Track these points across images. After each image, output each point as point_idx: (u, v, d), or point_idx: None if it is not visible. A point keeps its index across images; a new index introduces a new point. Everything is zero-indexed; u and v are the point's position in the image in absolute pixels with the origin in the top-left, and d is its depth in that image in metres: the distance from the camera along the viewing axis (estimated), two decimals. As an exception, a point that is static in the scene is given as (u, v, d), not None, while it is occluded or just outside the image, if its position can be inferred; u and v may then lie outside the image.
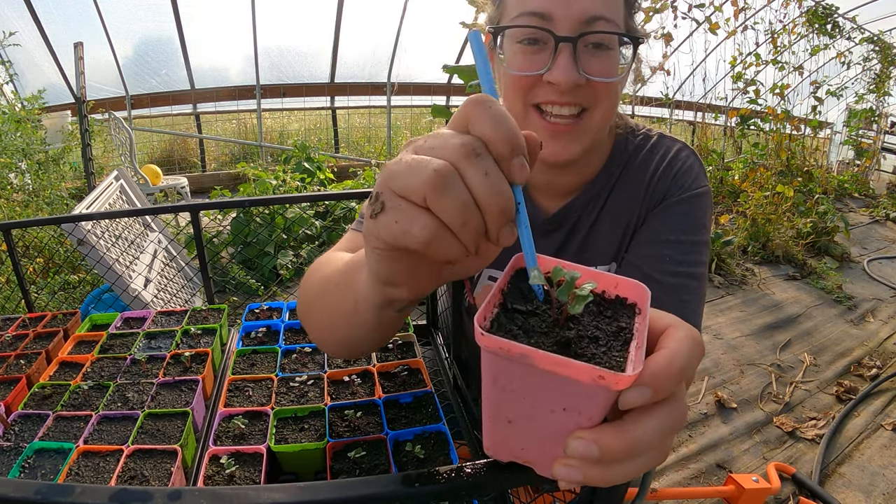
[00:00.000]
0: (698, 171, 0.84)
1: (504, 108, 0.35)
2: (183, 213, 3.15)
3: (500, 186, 0.34)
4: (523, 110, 0.76)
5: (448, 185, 0.33)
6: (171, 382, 0.87)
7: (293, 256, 3.57)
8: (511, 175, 0.35)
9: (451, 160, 0.34)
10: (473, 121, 0.35)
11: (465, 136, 0.34)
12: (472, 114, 0.35)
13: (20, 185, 3.51)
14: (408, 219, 0.34)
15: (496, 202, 0.34)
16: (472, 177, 0.33)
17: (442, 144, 0.35)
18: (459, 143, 0.34)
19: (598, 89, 0.72)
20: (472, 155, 0.34)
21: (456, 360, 0.99)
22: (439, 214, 0.34)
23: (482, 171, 0.34)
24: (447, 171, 0.33)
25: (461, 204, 0.33)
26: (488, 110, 0.34)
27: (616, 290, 0.39)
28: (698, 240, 0.80)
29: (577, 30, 0.69)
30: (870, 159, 6.70)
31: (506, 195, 0.34)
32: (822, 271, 4.03)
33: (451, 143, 0.34)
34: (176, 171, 6.52)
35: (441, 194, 0.33)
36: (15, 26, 4.33)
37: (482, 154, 0.34)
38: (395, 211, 0.35)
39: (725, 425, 2.37)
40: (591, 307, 0.38)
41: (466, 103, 0.35)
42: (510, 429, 0.37)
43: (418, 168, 0.34)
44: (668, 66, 5.42)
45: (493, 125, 0.34)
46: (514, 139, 0.34)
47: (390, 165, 0.36)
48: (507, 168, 0.35)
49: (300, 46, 6.48)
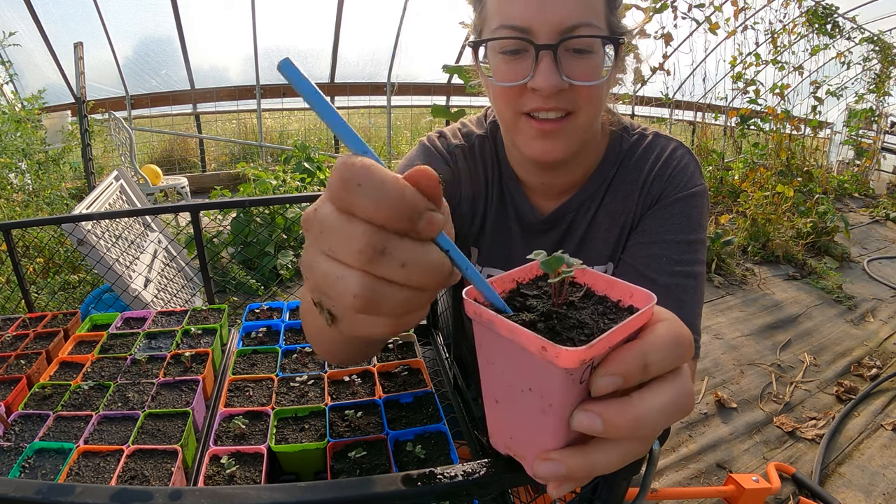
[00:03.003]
0: (694, 170, 0.84)
1: (380, 173, 0.29)
2: (183, 213, 3.15)
3: (423, 265, 0.31)
4: (513, 118, 0.76)
5: (375, 301, 0.31)
6: (172, 382, 0.87)
7: (293, 256, 3.57)
8: (425, 236, 0.31)
9: (360, 267, 0.30)
10: (354, 206, 0.30)
11: (357, 233, 0.30)
12: (349, 198, 0.30)
13: (20, 185, 3.50)
14: (362, 326, 0.33)
15: (429, 280, 0.32)
16: (393, 276, 0.31)
17: (340, 246, 0.30)
18: (357, 247, 0.30)
19: (582, 93, 0.72)
20: (377, 257, 0.30)
21: (456, 360, 0.99)
22: (388, 316, 0.32)
23: (398, 265, 0.30)
24: (367, 293, 0.30)
25: (399, 302, 0.31)
26: (360, 190, 0.29)
27: (630, 301, 0.39)
28: (695, 239, 0.80)
29: (557, 37, 0.69)
30: (870, 159, 6.70)
31: (435, 267, 0.31)
32: (822, 271, 4.03)
33: (350, 250, 0.30)
34: (176, 171, 6.52)
35: (375, 308, 0.31)
36: (15, 26, 4.33)
37: (387, 247, 0.30)
38: (347, 321, 0.33)
39: (725, 425, 2.37)
40: (598, 308, 0.38)
41: (333, 181, 0.30)
42: (498, 410, 0.39)
43: (337, 289, 0.31)
44: (668, 66, 5.42)
45: (376, 206, 0.29)
46: (406, 207, 0.29)
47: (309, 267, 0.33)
48: (416, 237, 0.31)
49: (300, 46, 6.48)
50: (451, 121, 0.98)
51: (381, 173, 0.29)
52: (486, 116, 0.95)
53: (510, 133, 0.80)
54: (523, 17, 0.69)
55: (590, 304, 0.39)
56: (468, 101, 6.64)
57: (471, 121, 0.96)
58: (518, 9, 0.69)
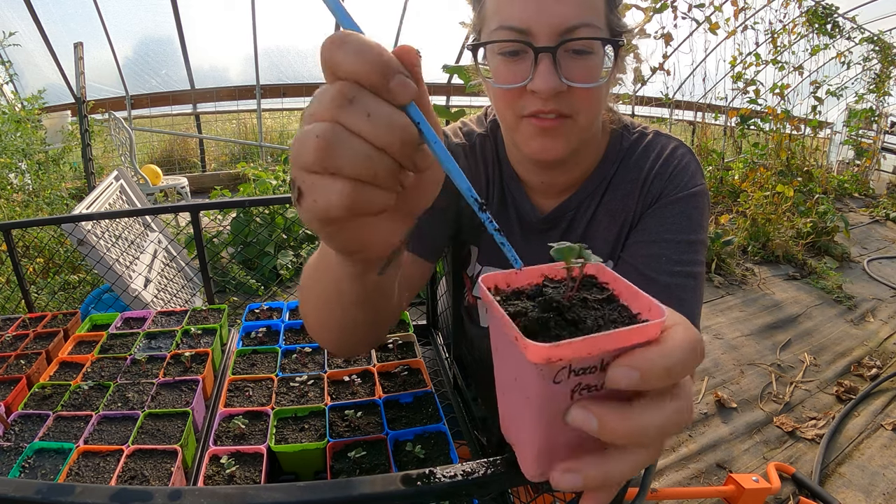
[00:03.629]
0: (694, 170, 0.83)
1: (363, 38, 0.32)
2: (183, 213, 3.15)
3: (388, 121, 0.32)
4: (515, 120, 0.76)
5: (335, 147, 0.32)
6: (172, 382, 0.87)
7: (293, 256, 3.57)
8: (396, 99, 0.32)
9: (329, 118, 0.32)
10: (334, 64, 0.32)
11: (335, 85, 0.32)
12: (331, 57, 0.32)
13: (20, 186, 3.50)
14: (322, 193, 0.33)
15: (393, 138, 0.32)
16: (356, 124, 0.32)
17: (318, 104, 0.33)
18: (329, 97, 0.32)
19: (582, 95, 0.72)
20: (345, 104, 0.32)
21: (456, 360, 0.99)
22: (346, 176, 0.32)
23: (363, 115, 0.32)
24: (328, 133, 0.32)
25: (359, 157, 0.32)
26: (344, 46, 0.32)
27: (648, 315, 0.37)
28: (695, 239, 0.80)
29: (556, 39, 0.68)
30: (870, 159, 6.69)
31: (399, 125, 0.32)
32: (822, 271, 4.03)
33: (323, 100, 0.32)
34: (176, 171, 6.52)
35: (334, 158, 0.32)
36: (15, 26, 4.33)
37: (356, 96, 0.32)
38: (309, 190, 0.34)
39: (725, 425, 2.37)
40: (611, 314, 0.37)
41: (322, 47, 0.33)
42: (502, 397, 0.40)
43: (305, 140, 0.32)
44: (668, 66, 5.41)
45: (352, 59, 0.32)
46: (382, 63, 0.32)
47: (292, 143, 0.34)
48: (388, 95, 0.32)
49: (300, 46, 6.48)
50: (451, 121, 0.98)
51: (364, 37, 0.32)
52: (486, 115, 0.95)
53: (510, 133, 0.80)
54: (522, 18, 0.69)
55: (605, 308, 0.37)
56: (468, 101, 6.63)
57: (471, 120, 0.96)
58: (517, 9, 0.69)
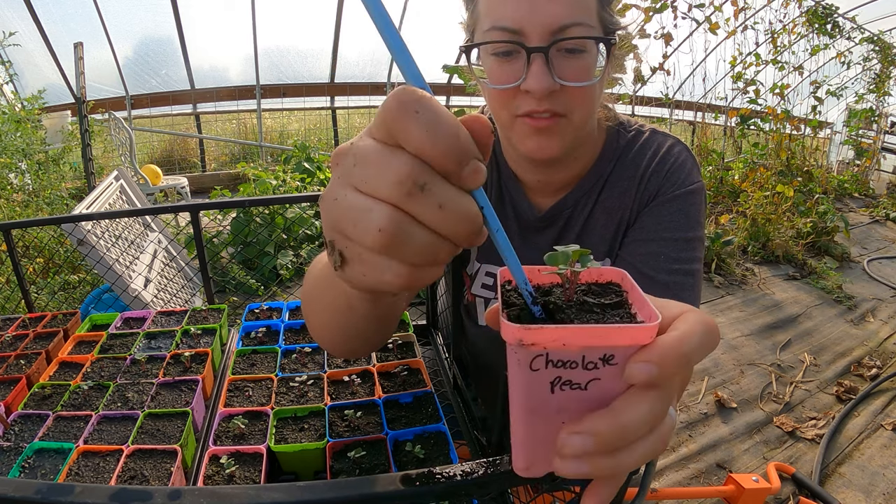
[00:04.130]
0: (691, 167, 0.83)
1: (439, 107, 0.28)
2: (183, 213, 3.15)
3: (459, 212, 0.29)
4: (510, 120, 0.76)
5: (401, 241, 0.29)
6: (171, 382, 0.87)
7: (293, 256, 3.57)
8: (465, 186, 0.29)
9: (393, 202, 0.28)
10: (402, 133, 0.28)
11: (400, 163, 0.28)
12: (399, 123, 0.28)
13: (20, 185, 3.51)
14: (376, 270, 0.31)
15: (461, 230, 0.30)
16: (425, 215, 0.29)
17: (376, 178, 0.29)
18: (396, 178, 0.28)
19: (575, 94, 0.72)
20: (416, 192, 0.28)
21: (456, 360, 0.99)
22: (405, 261, 0.30)
23: (435, 206, 0.28)
24: (396, 228, 0.28)
25: (425, 247, 0.30)
26: (417, 116, 0.27)
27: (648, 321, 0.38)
28: (693, 237, 0.80)
29: (549, 38, 0.68)
30: (870, 159, 6.69)
31: (469, 217, 0.30)
32: (822, 271, 4.03)
33: (387, 179, 0.28)
34: (176, 171, 6.52)
35: (398, 249, 0.29)
36: (15, 26, 4.33)
37: (427, 184, 0.28)
38: (358, 263, 0.31)
39: (725, 425, 2.37)
40: (612, 318, 0.36)
41: (389, 104, 0.28)
42: None
43: (361, 221, 0.29)
44: (668, 66, 5.41)
45: (428, 138, 0.27)
46: (459, 147, 0.28)
47: (329, 204, 0.31)
48: (458, 181, 0.29)
49: (300, 46, 6.48)
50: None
51: (439, 107, 0.28)
52: (482, 114, 0.95)
53: (506, 132, 0.80)
54: (514, 18, 0.69)
55: (608, 312, 0.36)
56: (468, 101, 6.64)
57: None
58: (509, 9, 0.69)
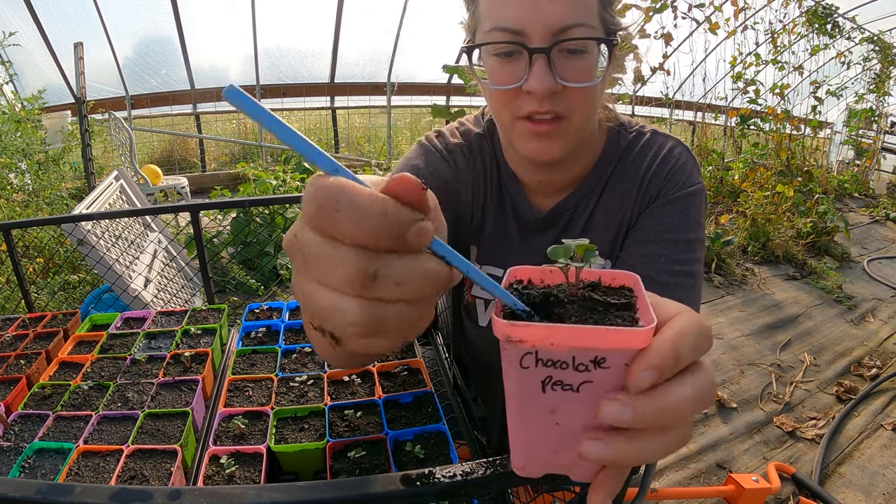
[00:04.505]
0: (692, 169, 0.84)
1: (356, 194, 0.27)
2: (183, 213, 3.14)
3: (419, 278, 0.29)
4: (511, 121, 0.76)
5: (378, 324, 0.29)
6: (171, 382, 0.87)
7: (293, 256, 3.57)
8: (415, 249, 0.29)
9: (355, 294, 0.29)
10: (333, 231, 0.28)
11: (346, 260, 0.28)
12: (326, 223, 0.28)
13: (20, 185, 3.50)
14: (366, 345, 0.32)
15: (428, 289, 0.30)
16: (389, 295, 0.29)
17: (330, 275, 0.29)
18: (346, 276, 0.28)
19: (577, 94, 0.72)
20: (369, 283, 0.28)
21: (455, 360, 0.99)
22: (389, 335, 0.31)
23: (393, 285, 0.29)
24: (367, 317, 0.29)
25: (401, 319, 0.30)
26: (338, 214, 0.27)
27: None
28: (693, 238, 0.80)
29: (550, 39, 0.68)
30: (870, 159, 6.70)
31: (429, 278, 0.30)
32: (822, 271, 4.03)
33: (339, 279, 0.29)
34: (176, 171, 6.52)
35: (379, 330, 0.30)
36: (15, 26, 4.33)
37: (378, 270, 0.28)
38: (350, 341, 0.32)
39: (725, 425, 2.37)
40: (614, 319, 0.36)
41: (309, 204, 0.28)
42: None
43: (335, 318, 0.30)
44: (668, 66, 5.41)
45: (357, 228, 0.27)
46: (389, 224, 0.28)
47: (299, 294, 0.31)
48: (406, 251, 0.29)
49: (300, 46, 6.47)
50: (451, 121, 0.98)
51: (357, 193, 0.27)
52: (483, 115, 0.95)
53: (507, 133, 0.80)
54: (516, 19, 0.69)
55: (611, 313, 0.36)
56: (468, 101, 6.64)
57: (468, 119, 0.96)
58: (511, 10, 0.69)
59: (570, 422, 0.35)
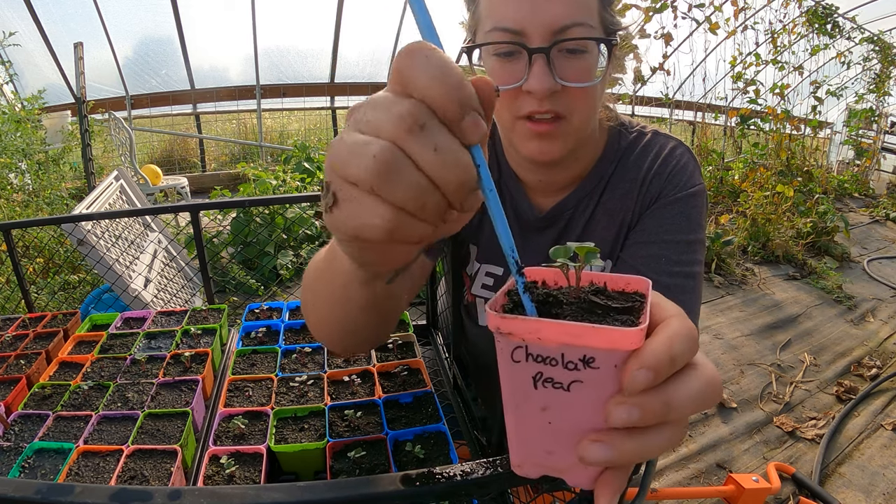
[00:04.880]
0: (693, 169, 0.84)
1: (446, 58, 0.30)
2: (183, 213, 3.15)
3: (454, 158, 0.30)
4: (511, 121, 0.76)
5: (393, 173, 0.30)
6: (171, 382, 0.87)
7: (293, 256, 3.57)
8: (465, 138, 0.31)
9: (392, 138, 0.30)
10: (410, 79, 0.30)
11: (405, 103, 0.30)
12: (408, 70, 0.30)
13: (20, 185, 3.50)
14: (363, 211, 0.31)
15: (453, 178, 0.30)
16: (420, 154, 0.30)
17: (380, 117, 0.30)
18: (398, 115, 0.30)
19: (577, 94, 0.72)
20: (415, 129, 0.29)
21: (455, 360, 0.99)
22: (393, 203, 0.31)
23: (431, 147, 0.30)
24: (389, 158, 0.29)
25: (414, 188, 0.30)
26: (425, 63, 0.29)
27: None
28: (694, 239, 0.80)
29: (550, 39, 0.69)
30: (870, 159, 6.69)
31: (462, 166, 0.31)
32: (822, 271, 4.03)
33: (390, 116, 0.30)
34: (176, 171, 6.52)
35: (388, 184, 0.30)
36: (15, 26, 4.33)
37: (427, 124, 0.30)
38: (348, 203, 0.32)
39: (725, 425, 2.37)
40: (614, 320, 0.36)
41: (400, 55, 0.30)
42: None
43: (358, 153, 0.30)
44: (668, 66, 5.42)
45: (433, 82, 0.29)
46: (462, 95, 0.30)
47: (334, 145, 0.32)
48: (458, 131, 0.30)
49: (300, 46, 6.48)
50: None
51: (448, 58, 0.30)
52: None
53: (507, 133, 0.80)
54: (516, 19, 0.69)
55: (611, 315, 0.36)
56: (468, 101, 6.62)
57: None
58: (511, 10, 0.69)
59: (562, 422, 0.34)
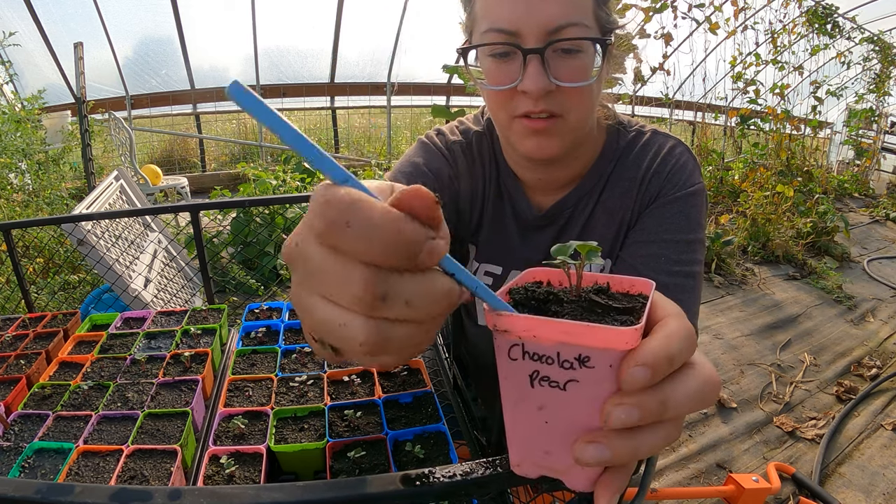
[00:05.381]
0: (692, 169, 0.84)
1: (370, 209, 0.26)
2: (183, 213, 3.14)
3: (429, 299, 0.28)
4: (508, 120, 0.76)
5: (385, 343, 0.28)
6: (171, 382, 0.87)
7: (293, 256, 3.56)
8: (428, 266, 0.28)
9: (364, 314, 0.28)
10: (344, 248, 0.26)
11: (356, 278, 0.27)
12: (336, 239, 0.26)
13: (20, 185, 3.50)
14: (372, 362, 0.31)
15: (436, 311, 0.29)
16: (398, 315, 0.28)
17: (338, 291, 0.28)
18: (356, 295, 0.27)
19: (572, 94, 0.72)
20: (378, 303, 0.27)
21: (455, 360, 0.99)
22: (394, 353, 0.30)
23: (403, 305, 0.28)
24: (375, 336, 0.28)
25: (407, 339, 0.29)
26: (350, 231, 0.26)
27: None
28: (694, 238, 0.80)
29: (545, 39, 0.69)
30: (870, 159, 6.70)
31: (439, 298, 0.29)
32: (822, 271, 4.03)
33: (348, 294, 0.27)
34: (176, 171, 6.52)
35: (384, 349, 0.29)
36: (15, 26, 4.33)
37: (388, 291, 0.27)
38: (351, 356, 0.31)
39: (725, 425, 2.37)
40: (613, 321, 0.36)
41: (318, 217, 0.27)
42: None
43: (341, 334, 0.28)
44: (668, 66, 5.42)
45: (369, 247, 0.26)
46: (403, 243, 0.26)
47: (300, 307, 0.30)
48: (418, 269, 0.28)
49: (300, 46, 6.48)
50: (451, 121, 0.98)
51: (371, 210, 0.26)
52: (483, 114, 0.96)
53: (504, 132, 0.80)
54: (511, 20, 0.69)
55: (611, 315, 0.36)
56: (468, 101, 6.63)
57: (468, 118, 0.96)
58: (505, 11, 0.70)
59: (558, 422, 0.35)
